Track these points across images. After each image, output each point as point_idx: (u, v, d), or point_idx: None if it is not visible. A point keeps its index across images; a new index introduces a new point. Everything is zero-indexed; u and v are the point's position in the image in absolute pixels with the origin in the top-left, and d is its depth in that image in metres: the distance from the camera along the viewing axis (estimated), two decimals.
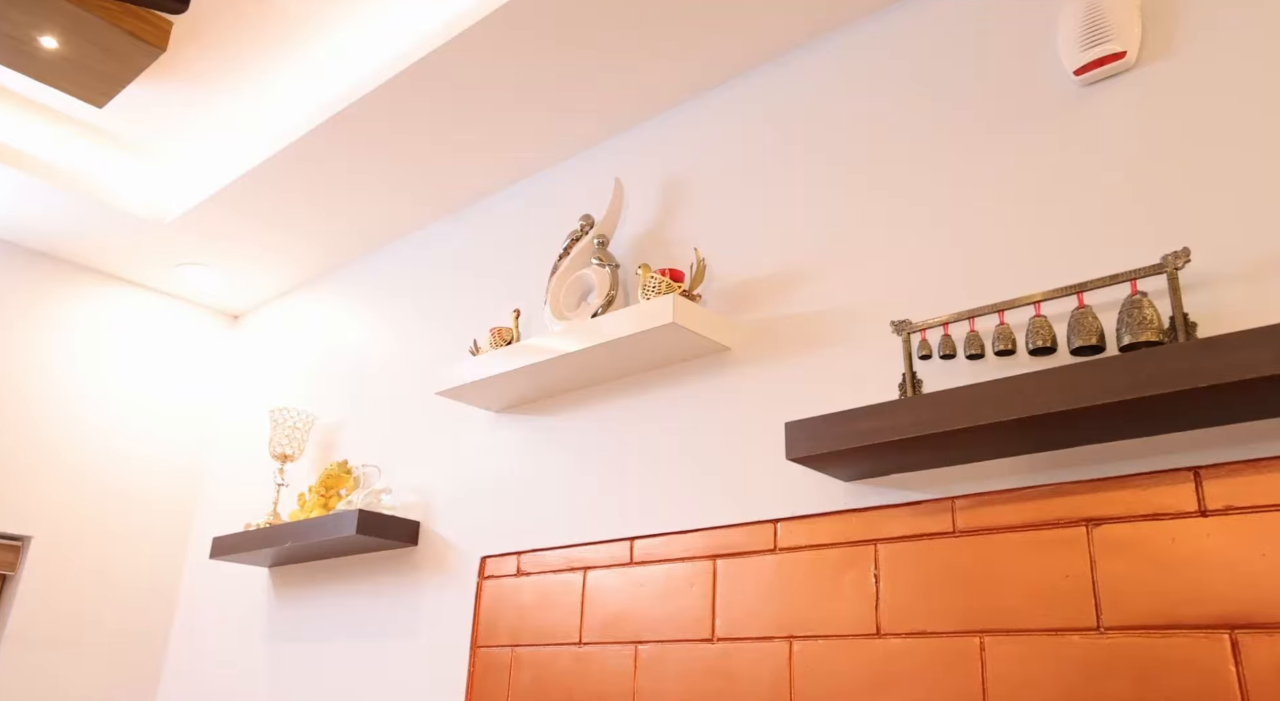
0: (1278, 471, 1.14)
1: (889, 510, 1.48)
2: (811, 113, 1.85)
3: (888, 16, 1.80)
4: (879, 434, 1.33)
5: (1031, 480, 1.34)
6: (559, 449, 2.04)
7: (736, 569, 1.64)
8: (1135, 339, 1.22)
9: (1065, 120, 1.48)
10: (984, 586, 1.34)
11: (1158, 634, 1.17)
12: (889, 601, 1.43)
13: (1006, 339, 1.37)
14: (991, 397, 1.23)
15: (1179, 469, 1.22)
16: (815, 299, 1.70)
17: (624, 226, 2.11)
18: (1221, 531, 1.16)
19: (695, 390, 1.83)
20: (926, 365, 1.50)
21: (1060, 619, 1.26)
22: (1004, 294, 1.46)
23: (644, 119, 2.18)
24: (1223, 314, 1.24)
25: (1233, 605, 1.13)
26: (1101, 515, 1.27)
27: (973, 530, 1.38)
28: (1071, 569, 1.27)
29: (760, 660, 1.54)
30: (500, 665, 1.94)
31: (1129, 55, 1.40)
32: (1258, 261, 1.23)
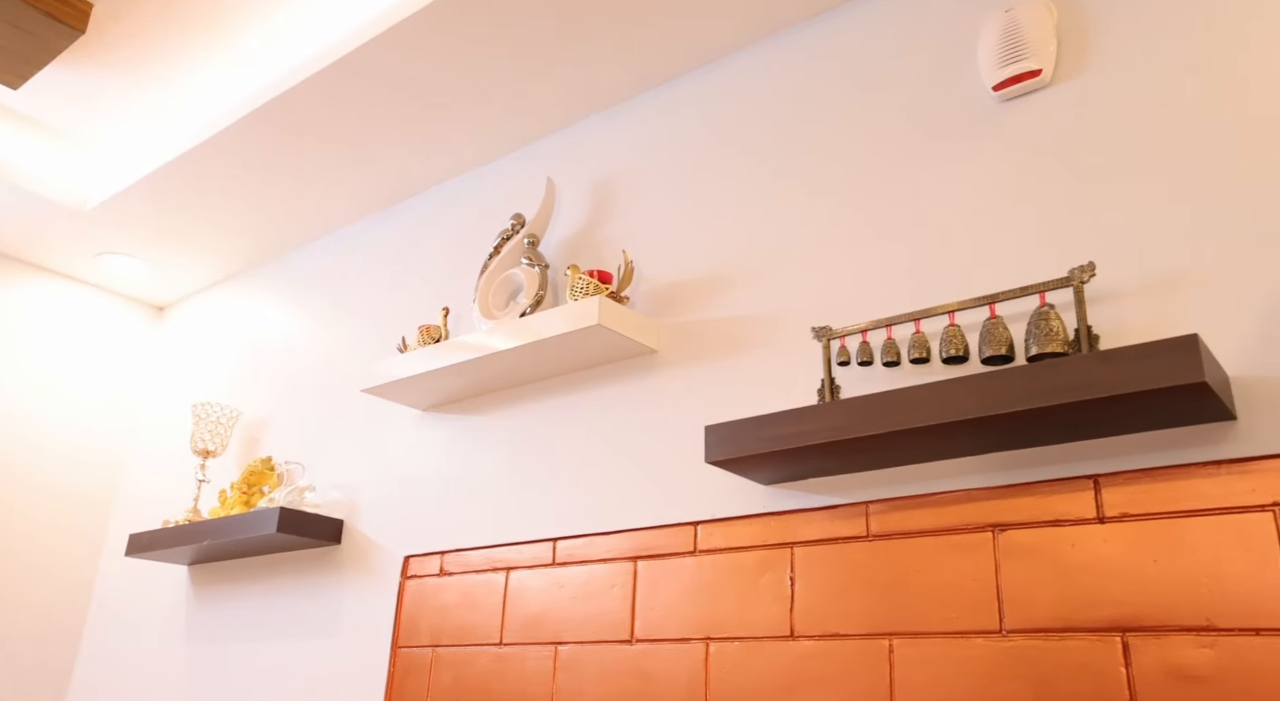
0: (1170, 480, 1.18)
1: (806, 514, 1.50)
2: (741, 119, 1.87)
3: (818, 26, 1.82)
4: (795, 439, 1.35)
5: (942, 486, 1.37)
6: (485, 448, 2.02)
7: (657, 570, 1.64)
8: (1041, 349, 1.26)
9: (984, 134, 1.52)
10: (895, 589, 1.36)
11: (1055, 637, 1.21)
12: (803, 603, 1.45)
13: (921, 347, 1.39)
14: (903, 404, 1.26)
15: (1080, 477, 1.25)
16: (741, 303, 1.72)
17: (555, 227, 2.11)
18: (1117, 537, 1.20)
19: (621, 392, 1.83)
20: (847, 371, 1.53)
21: (965, 622, 1.29)
22: (921, 303, 1.49)
23: (578, 119, 2.18)
24: (1125, 327, 1.28)
25: (1125, 609, 1.16)
26: (1007, 521, 1.30)
27: (885, 534, 1.41)
28: (977, 573, 1.30)
29: (678, 661, 1.55)
30: (421, 665, 1.92)
31: (1044, 73, 1.44)
32: (1158, 276, 1.27)
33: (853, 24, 1.77)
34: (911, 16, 1.68)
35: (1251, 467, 1.13)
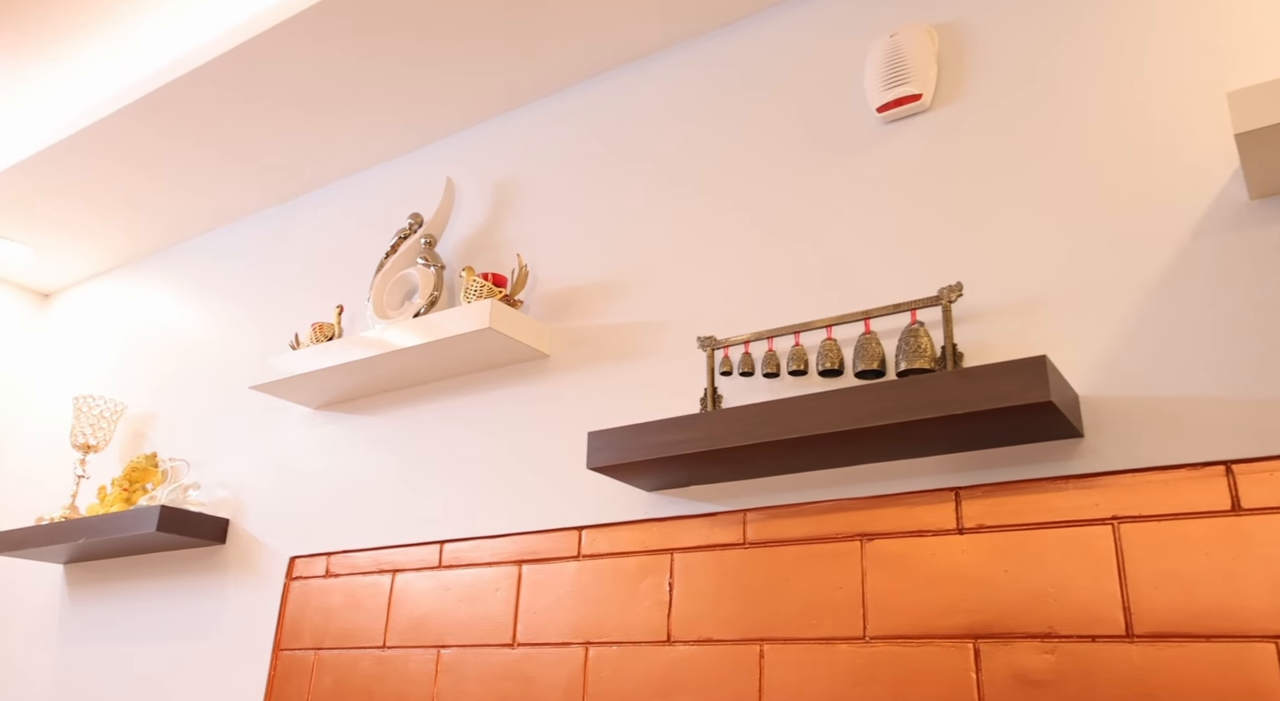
0: (1022, 494, 1.23)
1: (686, 520, 1.52)
2: (640, 127, 1.89)
3: (716, 40, 1.85)
4: (675, 447, 1.37)
5: (816, 495, 1.41)
6: (375, 449, 2.00)
7: (541, 575, 1.65)
8: (910, 365, 1.30)
9: (868, 154, 1.56)
10: (768, 596, 1.40)
11: (914, 643, 1.25)
12: (681, 609, 1.47)
13: (799, 359, 1.43)
14: (779, 416, 1.29)
15: (942, 489, 1.30)
16: (632, 310, 1.74)
17: (454, 227, 2.10)
18: (974, 548, 1.25)
19: (512, 395, 1.83)
20: (730, 381, 1.55)
21: (832, 628, 1.33)
22: (802, 316, 1.52)
23: (480, 121, 2.17)
24: (989, 345, 1.34)
25: (978, 616, 1.21)
26: (874, 530, 1.34)
27: (761, 542, 1.44)
28: (845, 581, 1.34)
29: (557, 665, 1.56)
30: (302, 668, 1.89)
31: (924, 98, 1.49)
32: (1020, 298, 1.33)
33: (749, 40, 1.80)
34: (805, 35, 1.72)
35: (1095, 483, 1.19)
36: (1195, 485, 1.13)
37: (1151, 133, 1.31)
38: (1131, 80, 1.35)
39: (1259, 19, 1.28)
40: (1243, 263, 1.18)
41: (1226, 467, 1.11)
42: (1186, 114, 1.29)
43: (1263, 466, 1.09)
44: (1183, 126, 1.29)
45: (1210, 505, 1.11)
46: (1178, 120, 1.29)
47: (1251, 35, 1.28)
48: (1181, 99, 1.30)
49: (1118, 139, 1.33)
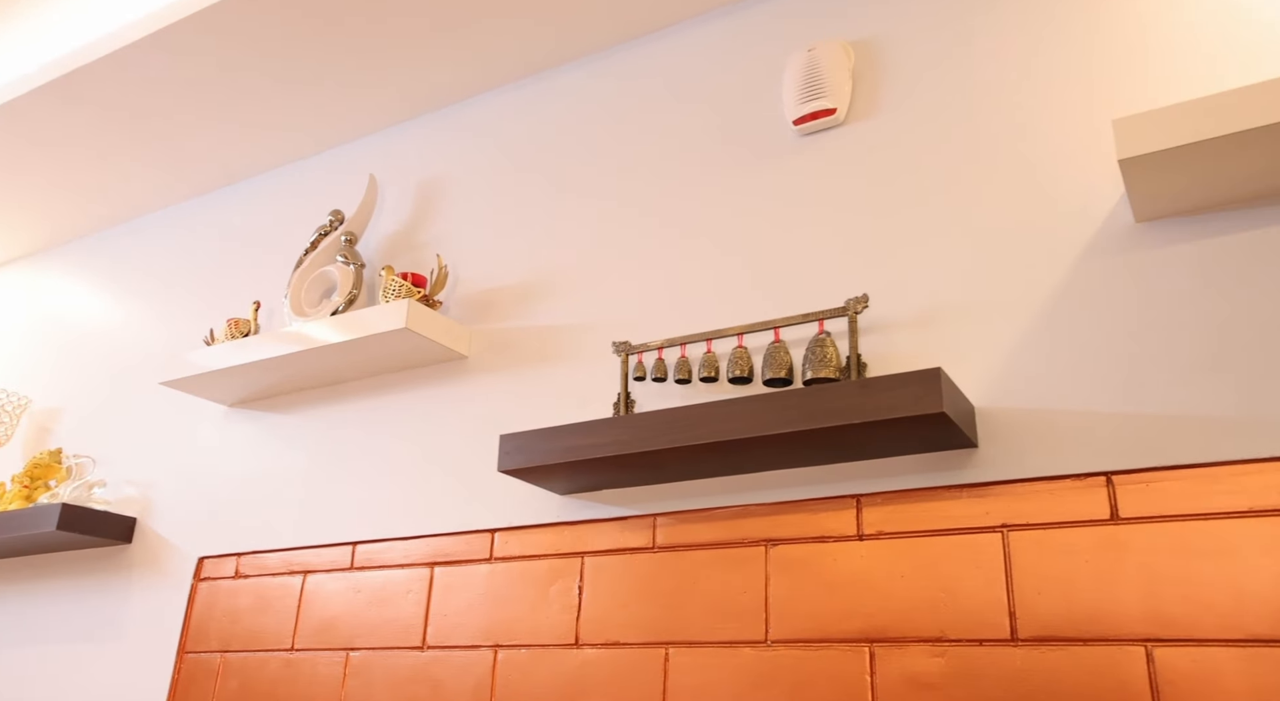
0: (919, 502, 1.27)
1: (598, 524, 1.53)
2: (560, 133, 1.90)
3: (641, 47, 1.87)
4: (585, 451, 1.38)
5: (722, 501, 1.43)
6: (289, 448, 1.97)
7: (453, 577, 1.64)
8: (816, 374, 1.33)
9: (783, 166, 1.59)
10: (675, 600, 1.41)
11: (813, 646, 1.28)
12: (590, 612, 1.48)
13: (711, 366, 1.45)
14: (687, 421, 1.31)
15: (844, 496, 1.33)
16: (551, 314, 1.74)
17: (375, 226, 2.08)
18: (873, 554, 1.28)
19: (429, 396, 1.83)
20: (645, 386, 1.57)
21: (735, 632, 1.35)
22: (715, 323, 1.54)
23: (404, 119, 2.15)
24: (894, 356, 1.37)
25: (874, 620, 1.25)
26: (778, 536, 1.37)
27: (670, 546, 1.45)
28: (749, 585, 1.36)
29: (466, 668, 1.56)
30: (207, 672, 1.85)
31: (839, 112, 1.53)
32: (924, 311, 1.37)
33: (672, 48, 1.82)
34: (727, 46, 1.75)
35: (987, 492, 1.23)
36: (1078, 495, 1.17)
37: (1047, 156, 1.36)
38: (1030, 106, 1.40)
39: (1146, 51, 1.33)
40: (1127, 283, 1.23)
41: (1107, 478, 1.16)
42: (1079, 139, 1.34)
43: (1139, 477, 1.14)
44: (1075, 151, 1.34)
45: (1091, 514, 1.16)
46: (1071, 145, 1.35)
47: (1140, 66, 1.33)
48: (1075, 125, 1.35)
49: (1016, 161, 1.38)
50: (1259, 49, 1.25)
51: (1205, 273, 1.19)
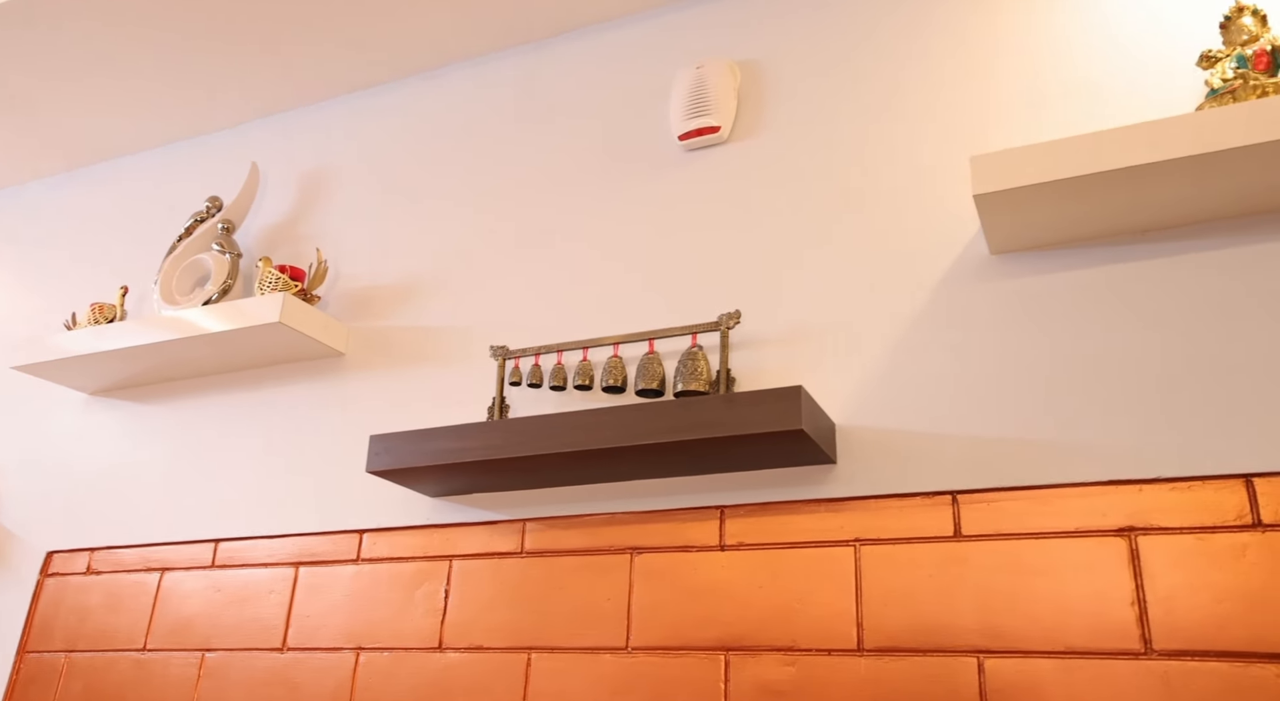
0: (779, 515, 1.31)
1: (467, 528, 1.53)
2: (449, 134, 1.88)
3: (537, 52, 1.87)
4: (454, 454, 1.38)
5: (591, 508, 1.44)
6: (154, 440, 1.90)
7: (318, 578, 1.61)
8: (686, 387, 1.36)
9: (666, 180, 1.62)
10: (540, 605, 1.42)
11: (672, 654, 1.30)
12: (455, 616, 1.47)
13: (586, 374, 1.46)
14: (557, 429, 1.31)
15: (708, 507, 1.36)
16: (431, 315, 1.73)
17: (255, 215, 2.02)
18: (734, 565, 1.32)
19: (303, 393, 1.79)
20: (522, 392, 1.57)
21: (598, 638, 1.36)
22: (592, 332, 1.56)
23: (291, 107, 2.10)
24: (763, 372, 1.41)
25: (731, 629, 1.28)
26: (644, 545, 1.39)
27: (538, 551, 1.46)
28: (613, 592, 1.38)
29: (326, 670, 1.53)
30: (50, 672, 1.77)
31: (723, 130, 1.56)
32: (793, 328, 1.41)
33: (565, 55, 1.83)
34: (620, 57, 1.77)
35: (842, 507, 1.27)
36: (926, 512, 1.23)
37: (912, 186, 1.42)
38: (899, 136, 1.46)
39: (1008, 93, 1.41)
40: (979, 312, 1.30)
41: (953, 497, 1.22)
42: (942, 171, 1.41)
43: (981, 497, 1.20)
44: (939, 183, 1.40)
45: (937, 530, 1.21)
46: (935, 177, 1.41)
47: (1002, 107, 1.40)
48: (939, 158, 1.42)
49: (884, 189, 1.44)
50: (1109, 99, 1.33)
51: (1049, 306, 1.26)
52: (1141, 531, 1.11)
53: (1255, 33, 1.12)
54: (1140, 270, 1.23)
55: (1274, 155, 1.04)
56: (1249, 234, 1.18)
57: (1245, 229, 1.19)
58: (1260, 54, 1.10)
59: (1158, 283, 1.21)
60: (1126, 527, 1.12)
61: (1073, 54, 1.39)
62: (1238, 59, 1.12)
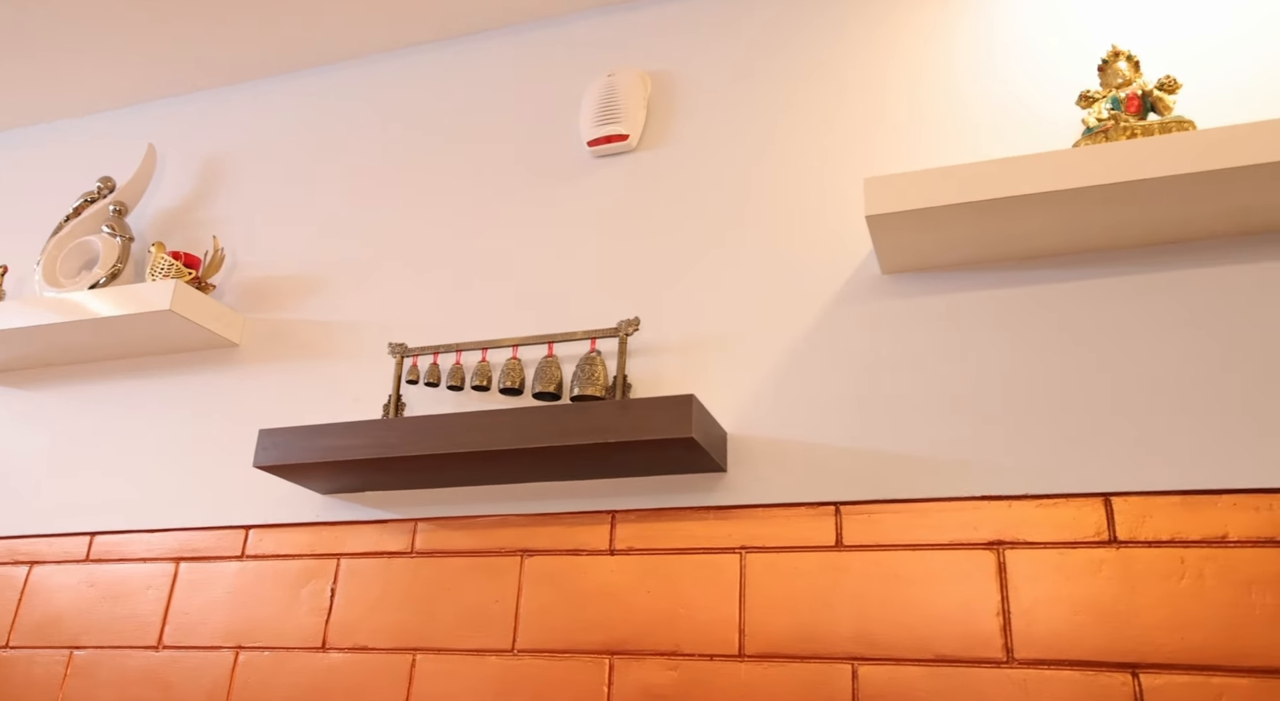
0: (670, 520, 1.33)
1: (358, 526, 1.51)
2: (358, 126, 1.86)
3: (445, 50, 1.86)
4: (345, 451, 1.36)
5: (484, 509, 1.44)
6: (29, 427, 1.82)
7: (200, 574, 1.57)
8: (583, 391, 1.37)
9: (574, 185, 1.62)
10: (428, 606, 1.41)
11: (557, 657, 1.31)
12: (340, 615, 1.45)
13: (484, 375, 1.46)
14: (450, 429, 1.31)
15: (600, 511, 1.37)
16: (331, 309, 1.70)
17: (150, 198, 1.96)
18: (622, 569, 1.33)
19: (193, 384, 1.74)
20: (420, 391, 1.56)
21: (485, 640, 1.36)
22: (492, 333, 1.56)
23: (194, 90, 2.04)
24: (660, 379, 1.43)
25: (617, 633, 1.29)
26: (535, 547, 1.39)
27: (429, 552, 1.45)
28: (502, 594, 1.38)
29: (203, 669, 1.49)
30: None
31: (631, 138, 1.58)
32: (691, 337, 1.43)
33: (480, 54, 1.83)
34: (533, 60, 1.77)
35: (730, 515, 1.30)
36: (810, 521, 1.26)
37: (811, 203, 1.46)
38: (800, 154, 1.50)
39: (909, 117, 1.46)
40: (869, 329, 1.34)
41: (836, 508, 1.26)
42: (839, 190, 1.45)
43: (862, 508, 1.24)
44: (836, 201, 1.44)
45: (820, 540, 1.25)
46: (833, 195, 1.45)
47: (901, 130, 1.46)
48: (837, 176, 1.46)
49: (783, 204, 1.47)
50: (997, 130, 1.40)
51: (935, 326, 1.31)
52: (1009, 545, 1.16)
53: (1129, 77, 1.19)
54: (1018, 296, 1.28)
55: (1138, 193, 1.11)
56: (1117, 266, 1.25)
57: (1114, 261, 1.25)
58: (1132, 97, 1.17)
59: (1033, 309, 1.27)
60: (995, 541, 1.17)
61: (966, 87, 1.45)
62: (1112, 101, 1.18)
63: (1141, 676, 1.05)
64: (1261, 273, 1.19)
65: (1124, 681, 1.06)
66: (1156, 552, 1.10)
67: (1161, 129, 1.13)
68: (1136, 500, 1.13)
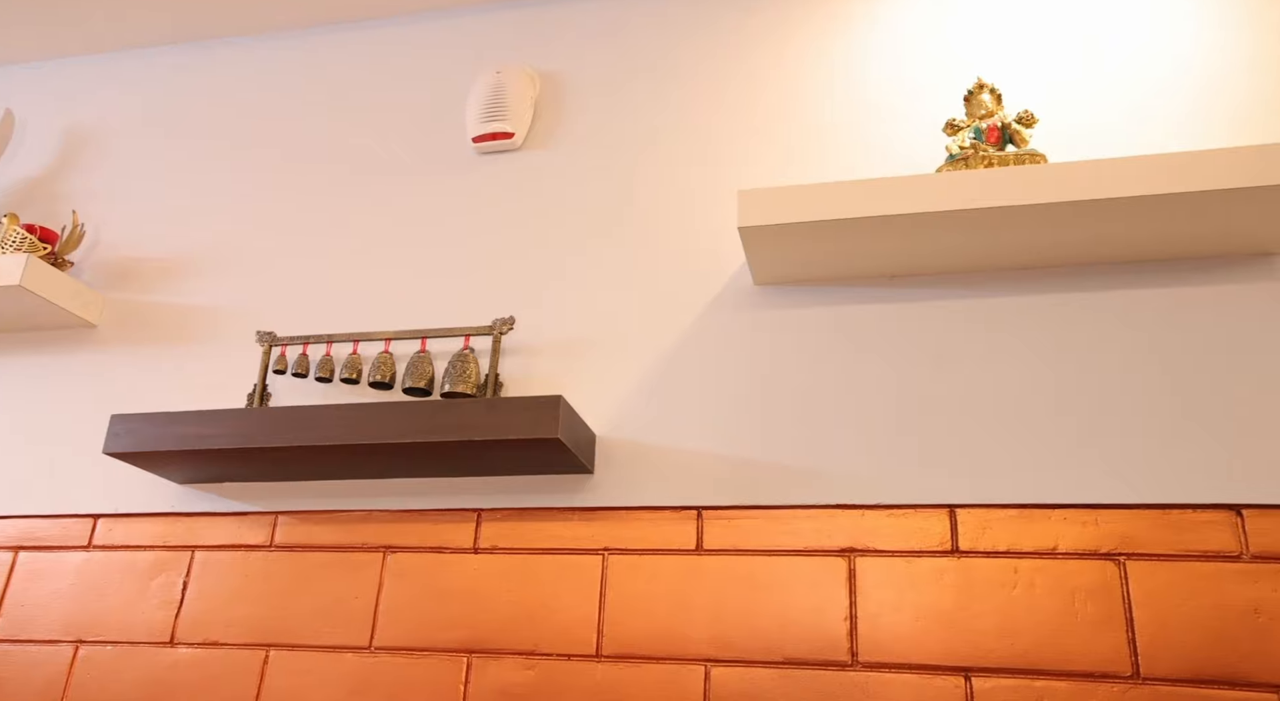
0: (536, 520, 1.33)
1: (215, 518, 1.46)
2: (236, 106, 1.80)
3: (331, 34, 1.82)
4: (201, 440, 1.31)
5: (348, 504, 1.41)
6: None
7: (41, 563, 1.49)
8: (453, 389, 1.36)
9: (457, 181, 1.61)
10: (285, 601, 1.37)
11: (416, 655, 1.29)
12: (192, 609, 1.40)
13: (353, 368, 1.43)
14: (313, 421, 1.28)
15: (466, 510, 1.37)
16: (197, 292, 1.64)
17: (6, 166, 1.85)
18: (486, 568, 1.32)
19: (47, 364, 1.65)
20: (287, 381, 1.52)
21: (342, 637, 1.33)
22: (365, 326, 1.53)
23: (60, 55, 1.94)
24: (532, 379, 1.43)
25: (476, 632, 1.28)
26: (398, 544, 1.37)
27: (289, 546, 1.41)
28: (362, 591, 1.36)
29: (37, 664, 1.42)
30: None
31: (516, 137, 1.57)
32: (566, 338, 1.44)
33: (367, 41, 1.79)
34: (423, 50, 1.75)
35: (596, 516, 1.31)
36: (673, 525, 1.28)
37: (690, 211, 1.48)
38: (681, 163, 1.52)
39: (781, 132, 1.50)
40: (739, 338, 1.37)
41: (698, 512, 1.28)
42: (716, 201, 1.48)
43: (723, 514, 1.27)
44: (713, 211, 1.47)
45: (681, 544, 1.27)
46: (710, 204, 1.48)
47: (778, 145, 1.49)
48: (715, 186, 1.49)
49: (663, 212, 1.49)
50: (872, 150, 1.45)
51: (801, 338, 1.35)
52: (860, 553, 1.21)
53: (991, 109, 1.25)
54: (882, 313, 1.33)
55: (991, 219, 1.16)
56: (973, 289, 1.31)
57: (971, 284, 1.31)
58: (992, 129, 1.23)
59: (895, 326, 1.32)
60: (848, 549, 1.21)
61: (842, 108, 1.50)
62: (975, 131, 1.24)
63: (973, 679, 1.11)
64: (1098, 302, 1.26)
65: (957, 684, 1.11)
66: (993, 562, 1.16)
67: (1016, 160, 1.19)
68: (978, 512, 1.19)
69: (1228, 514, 1.12)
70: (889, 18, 1.55)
